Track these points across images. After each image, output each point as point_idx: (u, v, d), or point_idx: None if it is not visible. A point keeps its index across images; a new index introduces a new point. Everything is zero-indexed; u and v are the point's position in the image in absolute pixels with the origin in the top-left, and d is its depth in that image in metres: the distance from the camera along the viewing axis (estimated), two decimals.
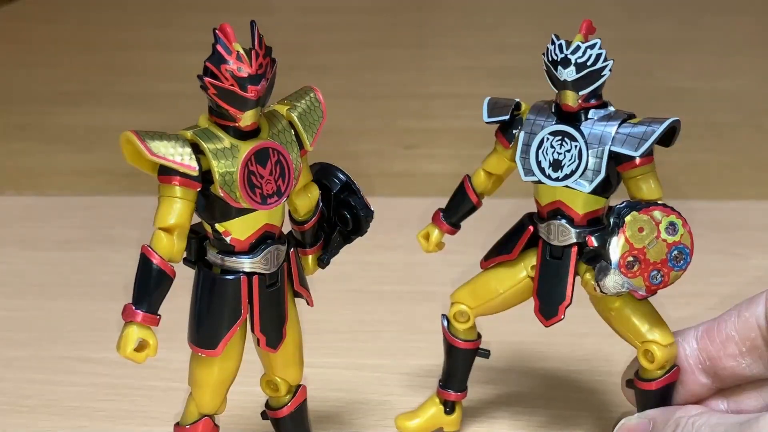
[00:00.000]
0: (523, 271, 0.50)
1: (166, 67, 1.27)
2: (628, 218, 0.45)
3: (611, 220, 0.46)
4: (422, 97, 1.16)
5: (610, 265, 0.46)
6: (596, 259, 0.46)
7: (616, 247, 0.45)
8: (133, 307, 0.41)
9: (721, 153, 0.98)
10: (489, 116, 0.49)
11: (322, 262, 0.48)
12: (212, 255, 0.44)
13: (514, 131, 0.49)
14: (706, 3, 1.54)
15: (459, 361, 0.53)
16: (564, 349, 0.63)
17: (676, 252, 0.45)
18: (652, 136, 0.45)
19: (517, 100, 0.49)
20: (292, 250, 0.46)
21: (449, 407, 0.54)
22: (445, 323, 0.53)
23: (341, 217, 0.47)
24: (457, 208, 0.52)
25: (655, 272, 0.45)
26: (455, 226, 0.53)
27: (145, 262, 0.41)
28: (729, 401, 0.49)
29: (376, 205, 0.48)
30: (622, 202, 0.46)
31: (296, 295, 0.47)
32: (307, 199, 0.46)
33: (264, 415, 0.50)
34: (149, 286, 0.41)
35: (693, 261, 0.46)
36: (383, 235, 0.79)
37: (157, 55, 1.32)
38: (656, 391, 0.48)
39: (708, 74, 1.23)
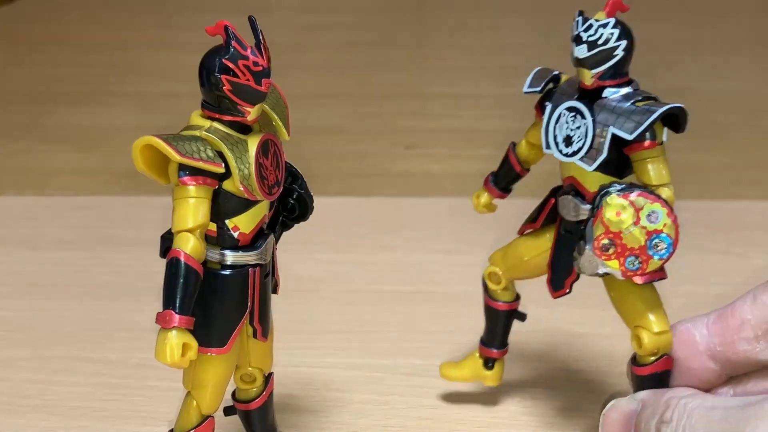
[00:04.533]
0: (548, 242, 0.51)
1: (166, 67, 1.27)
2: (606, 200, 0.45)
3: (595, 201, 0.45)
4: (422, 97, 1.16)
5: (586, 245, 0.46)
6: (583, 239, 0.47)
7: (591, 229, 0.45)
8: (174, 313, 0.40)
9: (721, 153, 0.98)
10: (528, 86, 0.49)
11: None
12: (212, 252, 0.44)
13: (546, 103, 0.49)
14: (706, 3, 1.54)
15: (496, 321, 0.55)
16: (564, 349, 0.63)
17: (657, 240, 0.45)
18: (647, 120, 0.44)
19: (557, 72, 0.49)
20: None
21: (490, 363, 0.56)
22: (483, 285, 0.55)
23: (285, 204, 0.47)
24: (504, 176, 0.53)
25: (633, 258, 0.45)
26: (505, 191, 0.54)
27: (180, 265, 0.41)
28: (737, 387, 0.48)
29: (376, 205, 0.48)
30: (611, 183, 0.46)
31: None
32: None
33: (229, 411, 0.49)
34: (188, 290, 0.41)
35: (693, 261, 0.45)
36: (383, 235, 0.79)
37: (157, 55, 1.32)
38: (648, 376, 0.48)
39: (708, 74, 1.23)
